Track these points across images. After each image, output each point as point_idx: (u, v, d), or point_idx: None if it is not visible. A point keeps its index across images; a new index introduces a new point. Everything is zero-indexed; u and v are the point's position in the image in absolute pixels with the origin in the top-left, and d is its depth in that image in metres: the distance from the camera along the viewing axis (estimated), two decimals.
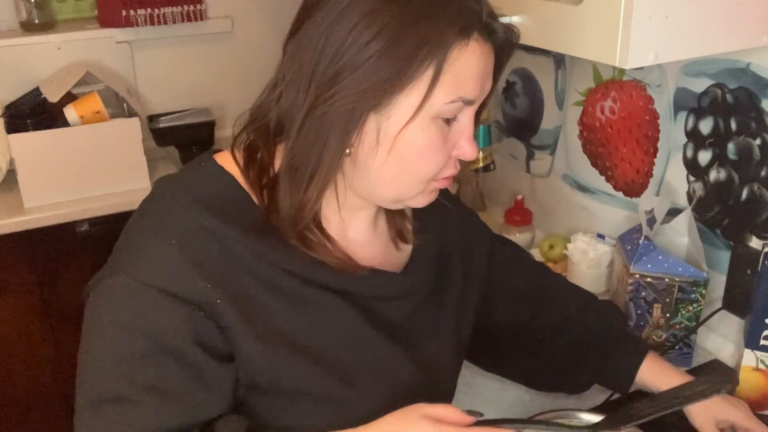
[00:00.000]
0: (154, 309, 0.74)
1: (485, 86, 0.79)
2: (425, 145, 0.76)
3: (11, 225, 1.83)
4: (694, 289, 1.17)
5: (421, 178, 0.79)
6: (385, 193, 0.81)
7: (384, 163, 0.77)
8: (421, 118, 0.75)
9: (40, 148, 1.85)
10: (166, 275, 0.74)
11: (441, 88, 0.74)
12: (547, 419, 0.94)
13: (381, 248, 0.91)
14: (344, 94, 0.74)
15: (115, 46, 2.22)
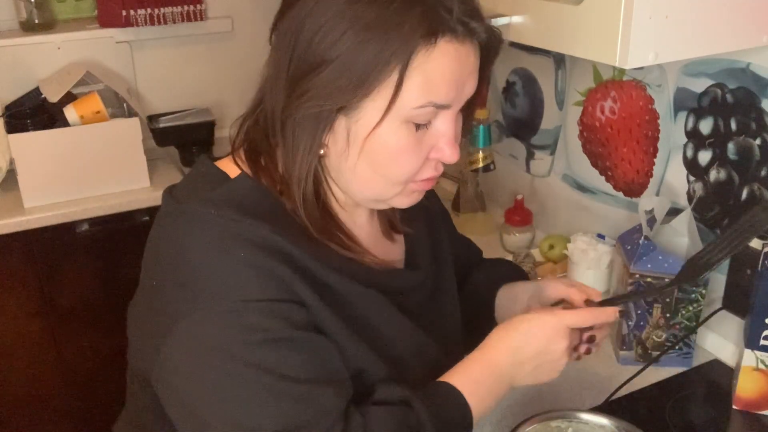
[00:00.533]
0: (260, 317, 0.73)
1: (464, 89, 0.77)
2: (396, 148, 0.76)
3: (11, 225, 1.83)
4: (694, 289, 1.17)
5: (395, 180, 0.79)
6: (363, 194, 0.82)
7: (355, 165, 0.78)
8: (390, 121, 0.74)
9: (40, 148, 1.85)
10: (255, 287, 0.74)
11: (409, 92, 0.73)
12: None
13: (379, 242, 0.93)
14: (311, 95, 0.74)
15: (115, 46, 2.22)
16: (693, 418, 1.11)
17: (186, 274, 0.75)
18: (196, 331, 0.73)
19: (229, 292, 0.73)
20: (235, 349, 0.73)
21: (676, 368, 1.22)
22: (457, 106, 0.78)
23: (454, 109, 0.78)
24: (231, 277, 0.73)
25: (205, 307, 0.73)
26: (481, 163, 1.65)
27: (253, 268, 0.74)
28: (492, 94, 1.80)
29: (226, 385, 0.73)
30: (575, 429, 0.95)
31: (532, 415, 0.95)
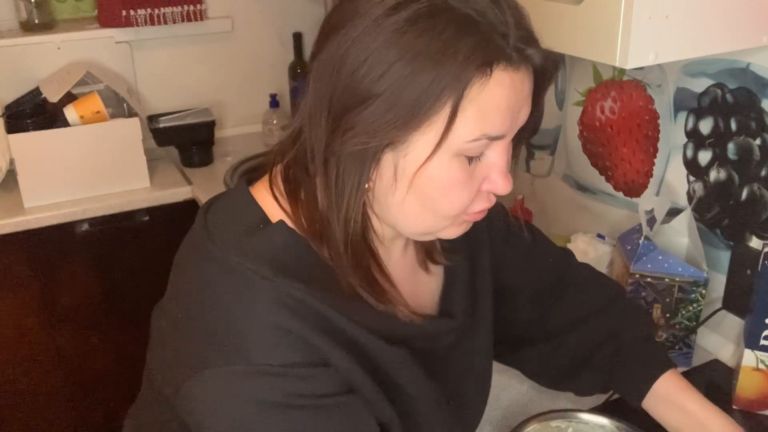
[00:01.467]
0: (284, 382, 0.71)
1: (518, 117, 0.72)
2: (447, 183, 0.71)
3: (11, 225, 1.83)
4: (694, 289, 1.17)
5: (446, 215, 0.74)
6: (410, 228, 0.77)
7: (404, 200, 0.73)
8: (440, 156, 0.70)
9: (40, 148, 1.85)
10: (281, 351, 0.71)
11: (462, 125, 0.68)
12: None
13: (412, 275, 0.88)
14: (357, 131, 0.69)
15: (115, 46, 2.22)
16: None
17: (215, 324, 0.73)
18: (222, 385, 0.72)
19: (257, 354, 0.71)
20: (255, 411, 0.71)
21: None
22: (510, 135, 0.73)
23: (507, 139, 0.73)
24: (259, 339, 0.71)
25: (233, 364, 0.71)
26: None
27: (282, 332, 0.71)
28: None
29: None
30: (575, 429, 0.95)
31: (532, 415, 0.95)
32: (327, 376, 0.73)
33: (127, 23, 2.14)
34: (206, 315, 0.73)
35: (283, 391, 0.71)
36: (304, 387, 0.72)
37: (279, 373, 0.71)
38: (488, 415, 1.11)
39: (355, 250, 0.76)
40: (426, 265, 0.89)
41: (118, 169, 1.94)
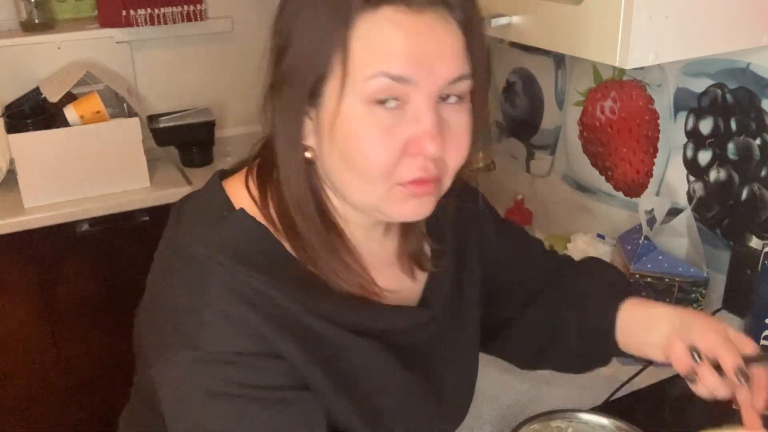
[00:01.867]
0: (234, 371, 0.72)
1: (433, 67, 0.70)
2: (361, 135, 0.70)
3: (11, 225, 1.83)
4: (694, 289, 1.17)
5: (369, 177, 0.72)
6: (352, 198, 0.76)
7: (332, 161, 0.74)
8: (350, 102, 0.70)
9: (40, 148, 1.85)
10: (231, 338, 0.72)
11: (357, 62, 0.69)
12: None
13: (395, 277, 0.87)
14: (279, 83, 0.72)
15: (115, 46, 2.22)
16: (693, 418, 1.11)
17: (174, 311, 0.75)
18: (176, 371, 0.73)
19: (209, 342, 0.72)
20: (202, 400, 0.72)
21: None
22: (429, 86, 0.70)
23: (427, 90, 0.70)
24: (212, 326, 0.72)
25: (187, 350, 0.73)
26: (481, 163, 1.65)
27: (234, 320, 0.72)
28: (492, 94, 1.80)
29: (197, 425, 0.73)
30: (575, 429, 0.95)
31: (532, 415, 0.95)
32: (278, 368, 0.73)
33: (127, 23, 2.14)
34: (168, 302, 0.75)
35: (231, 380, 0.72)
36: (253, 377, 0.72)
37: (228, 361, 0.71)
38: (488, 415, 1.11)
39: (311, 225, 0.77)
40: (412, 271, 0.88)
41: (118, 169, 1.94)
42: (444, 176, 0.75)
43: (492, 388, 1.17)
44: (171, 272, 0.76)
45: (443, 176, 0.75)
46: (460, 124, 0.74)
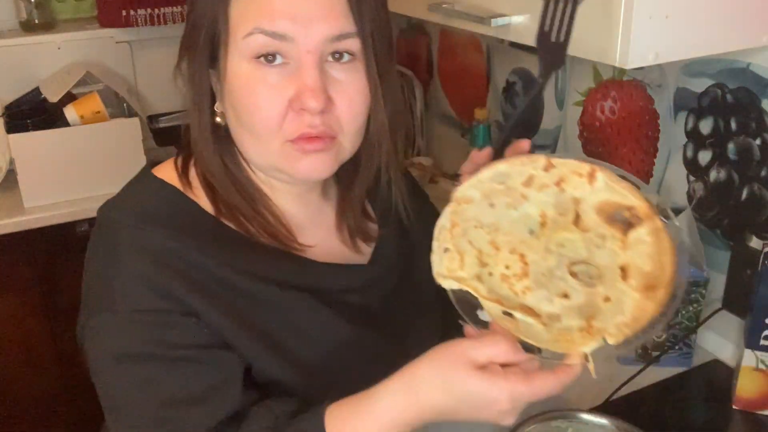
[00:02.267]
0: (144, 330, 0.74)
1: (308, 21, 0.72)
2: (247, 91, 0.74)
3: (11, 225, 1.83)
4: (694, 289, 1.17)
5: (258, 133, 0.75)
6: (251, 158, 0.80)
7: (230, 120, 0.78)
8: (236, 61, 0.74)
9: (40, 148, 1.85)
10: (141, 297, 0.74)
11: (237, 22, 0.74)
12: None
13: (335, 237, 0.90)
14: (182, 50, 0.78)
15: (115, 46, 2.22)
16: (693, 418, 1.11)
17: (92, 277, 0.78)
18: (94, 335, 0.76)
19: (120, 302, 0.74)
20: (109, 362, 0.75)
21: (676, 368, 1.21)
22: (308, 42, 0.73)
23: (307, 47, 0.73)
24: (121, 287, 0.74)
25: (103, 312, 0.75)
26: None
27: (144, 280, 0.74)
28: (492, 94, 1.80)
29: (108, 392, 0.76)
30: (575, 429, 0.95)
31: (532, 415, 0.95)
32: (188, 325, 0.75)
33: (127, 23, 2.14)
34: (88, 271, 0.78)
35: (144, 338, 0.73)
36: (163, 336, 0.74)
37: (139, 321, 0.73)
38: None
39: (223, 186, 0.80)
40: (355, 243, 0.91)
41: (118, 169, 1.92)
42: (339, 135, 0.77)
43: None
44: (91, 242, 0.80)
45: (338, 135, 0.77)
46: (350, 82, 0.76)
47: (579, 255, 0.70)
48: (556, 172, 0.73)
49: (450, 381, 0.66)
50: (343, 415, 0.71)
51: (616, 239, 0.69)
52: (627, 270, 0.67)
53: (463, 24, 1.05)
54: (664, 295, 0.65)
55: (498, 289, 0.70)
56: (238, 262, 0.78)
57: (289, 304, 0.81)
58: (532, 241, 0.72)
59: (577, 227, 0.71)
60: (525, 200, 0.73)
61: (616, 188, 0.70)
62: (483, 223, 0.73)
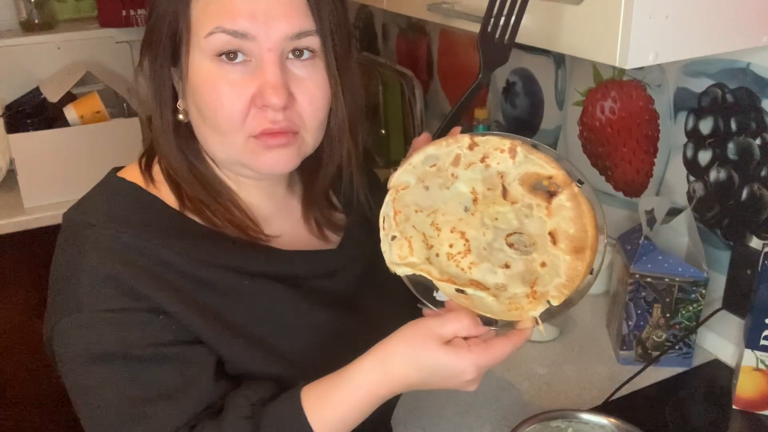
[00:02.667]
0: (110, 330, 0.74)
1: (268, 20, 0.74)
2: (209, 89, 0.76)
3: (11, 225, 1.83)
4: (694, 289, 1.17)
5: (221, 129, 0.77)
6: (215, 153, 0.81)
7: (193, 117, 0.79)
8: (197, 60, 0.76)
9: (40, 148, 1.85)
10: (106, 297, 0.74)
11: (198, 22, 0.75)
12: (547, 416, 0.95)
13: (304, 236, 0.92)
14: (144, 49, 0.79)
15: (115, 46, 2.22)
16: (693, 418, 1.11)
17: (58, 279, 0.78)
18: (62, 337, 0.76)
19: (85, 303, 0.74)
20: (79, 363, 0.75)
21: (676, 368, 1.22)
22: (268, 41, 0.75)
23: (267, 45, 0.75)
24: (87, 288, 0.75)
25: (69, 313, 0.75)
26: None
27: (110, 279, 0.74)
28: (492, 94, 1.80)
29: (78, 392, 0.76)
30: (575, 429, 0.95)
31: (532, 415, 0.95)
32: (155, 323, 0.75)
33: (127, 23, 2.14)
34: (54, 274, 0.79)
35: (110, 338, 0.73)
36: (133, 334, 0.74)
37: (106, 320, 0.73)
38: (488, 415, 1.11)
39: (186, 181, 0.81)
40: (324, 234, 0.93)
41: None
42: (301, 130, 0.79)
43: (492, 388, 1.17)
44: (58, 245, 0.82)
45: (300, 130, 0.79)
46: (311, 79, 0.78)
47: (512, 226, 0.76)
48: (479, 150, 0.80)
49: (420, 356, 0.71)
50: (319, 395, 0.73)
51: (542, 207, 0.76)
52: (555, 235, 0.74)
53: (463, 24, 1.05)
54: (590, 255, 0.73)
55: (447, 268, 0.75)
56: (205, 256, 0.79)
57: (260, 293, 0.82)
58: (468, 218, 0.77)
59: (506, 200, 0.78)
60: (455, 179, 0.79)
61: (534, 160, 0.78)
62: (421, 206, 0.78)
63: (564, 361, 1.25)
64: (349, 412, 0.73)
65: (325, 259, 0.90)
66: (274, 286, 0.82)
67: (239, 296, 0.80)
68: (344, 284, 0.90)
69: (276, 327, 0.82)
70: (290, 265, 0.86)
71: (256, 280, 0.81)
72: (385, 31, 2.24)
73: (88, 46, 2.18)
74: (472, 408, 1.13)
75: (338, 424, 0.73)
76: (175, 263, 0.77)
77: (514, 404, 1.14)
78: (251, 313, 0.81)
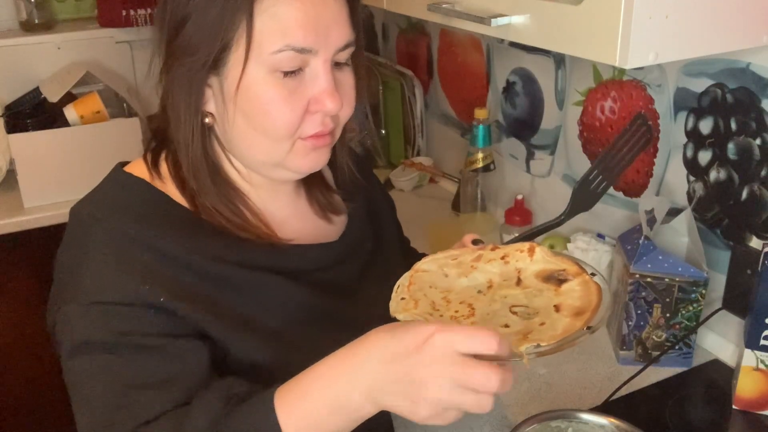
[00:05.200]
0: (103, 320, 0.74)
1: (329, 35, 0.78)
2: (266, 99, 0.77)
3: (11, 225, 1.83)
4: (694, 289, 1.17)
5: (276, 135, 0.79)
6: (255, 157, 0.83)
7: (234, 123, 0.80)
8: (255, 71, 0.76)
9: (40, 148, 1.86)
10: (107, 289, 0.75)
11: (263, 37, 0.75)
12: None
13: (310, 224, 0.94)
14: (178, 54, 0.77)
15: (115, 46, 2.22)
16: (693, 418, 1.11)
17: (63, 269, 0.80)
18: (62, 325, 0.77)
19: (83, 294, 0.76)
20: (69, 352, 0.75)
21: (676, 368, 1.22)
22: (325, 52, 0.78)
23: (324, 56, 0.78)
24: (86, 279, 0.76)
25: (70, 302, 0.76)
26: (481, 163, 1.65)
27: (112, 270, 0.75)
28: (492, 94, 1.80)
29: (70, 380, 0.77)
30: (575, 429, 0.95)
31: (532, 415, 0.95)
32: (152, 316, 0.75)
33: (127, 23, 2.14)
34: (58, 264, 0.81)
35: (103, 328, 0.74)
36: (126, 325, 0.74)
37: (100, 311, 0.74)
38: (488, 415, 1.11)
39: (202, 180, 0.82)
40: (328, 217, 0.96)
41: None
42: (336, 129, 0.85)
43: None
44: (64, 237, 0.82)
45: (336, 129, 0.85)
46: (347, 83, 0.83)
47: (520, 302, 0.78)
48: (501, 251, 0.85)
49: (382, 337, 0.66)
50: (291, 399, 0.69)
51: (551, 290, 0.79)
52: (560, 306, 0.75)
53: (463, 24, 1.05)
54: (590, 315, 0.74)
55: None
56: (212, 250, 0.81)
57: (260, 285, 0.83)
58: (479, 297, 0.80)
59: (519, 287, 0.81)
60: (474, 270, 0.83)
61: (551, 260, 0.82)
62: (437, 285, 0.81)
63: (564, 361, 1.25)
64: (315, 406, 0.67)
65: (325, 252, 0.91)
66: (273, 277, 0.84)
67: (239, 287, 0.82)
68: (347, 275, 0.93)
69: (275, 316, 0.84)
70: (290, 258, 0.87)
71: (257, 272, 0.83)
72: (385, 31, 2.24)
73: (88, 46, 2.18)
74: None
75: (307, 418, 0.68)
76: (178, 255, 0.78)
77: (514, 404, 1.14)
78: (251, 302, 0.82)
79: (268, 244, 0.86)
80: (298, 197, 0.95)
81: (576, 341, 0.70)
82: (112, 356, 0.74)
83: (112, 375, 0.74)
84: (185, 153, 0.82)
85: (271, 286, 0.84)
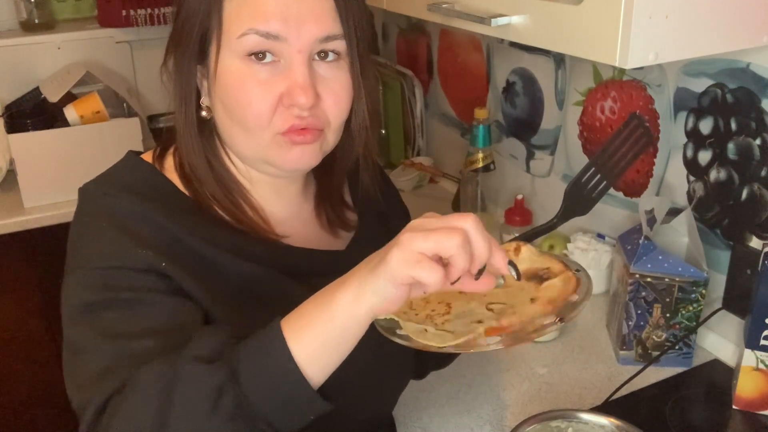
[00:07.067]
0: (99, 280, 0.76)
1: (302, 26, 0.76)
2: (237, 86, 0.78)
3: (11, 225, 1.83)
4: (694, 289, 1.17)
5: (248, 126, 0.79)
6: (241, 151, 0.83)
7: (219, 114, 0.81)
8: (227, 59, 0.78)
9: (40, 148, 1.86)
10: (106, 254, 0.76)
11: (231, 23, 0.77)
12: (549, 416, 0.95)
13: (311, 230, 0.93)
14: (171, 46, 0.81)
15: (115, 46, 2.22)
16: (693, 418, 1.12)
17: (69, 244, 0.82)
18: (65, 294, 0.80)
19: (82, 262, 0.78)
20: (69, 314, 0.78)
21: (676, 368, 1.22)
22: (298, 43, 0.77)
23: (298, 47, 0.77)
24: (86, 248, 0.78)
25: (71, 273, 0.79)
26: (481, 163, 1.65)
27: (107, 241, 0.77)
28: (492, 94, 1.80)
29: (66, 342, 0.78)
30: (575, 429, 0.95)
31: (532, 415, 0.95)
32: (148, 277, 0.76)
33: (127, 23, 2.14)
34: (69, 240, 0.82)
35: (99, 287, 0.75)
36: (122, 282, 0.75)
37: (97, 274, 0.76)
38: (488, 415, 1.12)
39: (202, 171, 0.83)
40: (336, 232, 0.94)
41: None
42: (326, 128, 0.82)
43: (492, 388, 1.17)
44: (75, 211, 0.83)
45: (324, 128, 0.82)
46: (336, 80, 0.81)
47: (499, 300, 0.78)
48: None
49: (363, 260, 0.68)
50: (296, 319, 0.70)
51: (532, 287, 0.78)
52: (536, 299, 0.76)
53: (463, 24, 1.05)
54: (561, 303, 0.74)
55: (421, 323, 0.76)
56: (207, 234, 0.81)
57: (256, 277, 0.83)
58: (459, 296, 0.78)
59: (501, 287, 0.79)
60: None
61: (537, 259, 0.80)
62: None
63: (564, 361, 1.25)
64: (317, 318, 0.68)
65: (328, 259, 0.90)
66: (270, 271, 0.84)
67: (234, 274, 0.82)
68: None
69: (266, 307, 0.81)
70: (290, 258, 0.87)
71: (254, 264, 0.83)
72: (385, 31, 2.24)
73: (88, 46, 2.18)
74: (472, 408, 1.13)
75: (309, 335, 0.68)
76: (176, 233, 0.79)
77: (514, 404, 1.14)
78: (244, 290, 0.82)
79: (265, 239, 0.86)
80: (304, 202, 0.93)
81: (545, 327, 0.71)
82: (109, 311, 0.75)
83: (109, 328, 0.74)
84: (184, 145, 0.84)
85: (265, 278, 0.84)
